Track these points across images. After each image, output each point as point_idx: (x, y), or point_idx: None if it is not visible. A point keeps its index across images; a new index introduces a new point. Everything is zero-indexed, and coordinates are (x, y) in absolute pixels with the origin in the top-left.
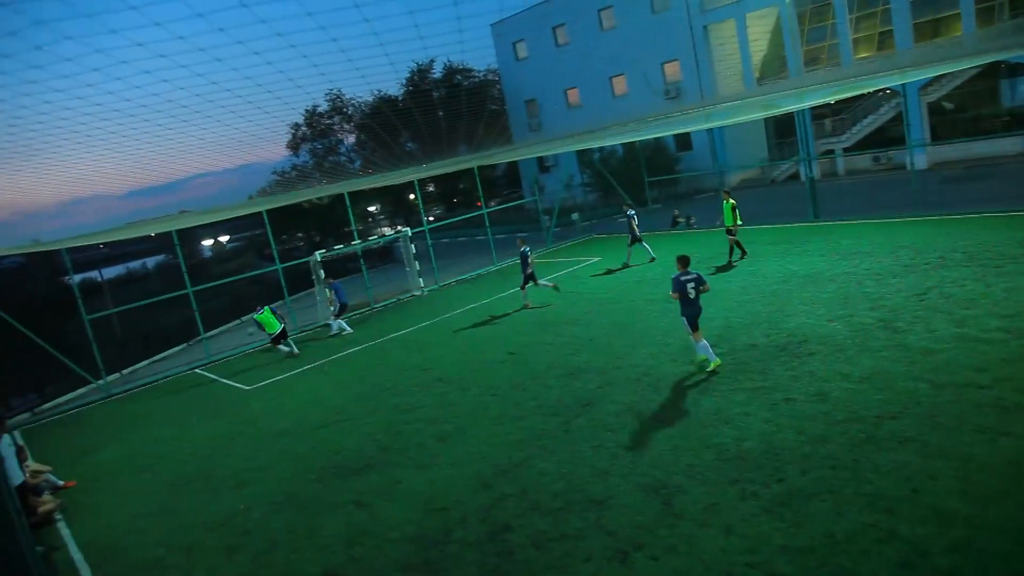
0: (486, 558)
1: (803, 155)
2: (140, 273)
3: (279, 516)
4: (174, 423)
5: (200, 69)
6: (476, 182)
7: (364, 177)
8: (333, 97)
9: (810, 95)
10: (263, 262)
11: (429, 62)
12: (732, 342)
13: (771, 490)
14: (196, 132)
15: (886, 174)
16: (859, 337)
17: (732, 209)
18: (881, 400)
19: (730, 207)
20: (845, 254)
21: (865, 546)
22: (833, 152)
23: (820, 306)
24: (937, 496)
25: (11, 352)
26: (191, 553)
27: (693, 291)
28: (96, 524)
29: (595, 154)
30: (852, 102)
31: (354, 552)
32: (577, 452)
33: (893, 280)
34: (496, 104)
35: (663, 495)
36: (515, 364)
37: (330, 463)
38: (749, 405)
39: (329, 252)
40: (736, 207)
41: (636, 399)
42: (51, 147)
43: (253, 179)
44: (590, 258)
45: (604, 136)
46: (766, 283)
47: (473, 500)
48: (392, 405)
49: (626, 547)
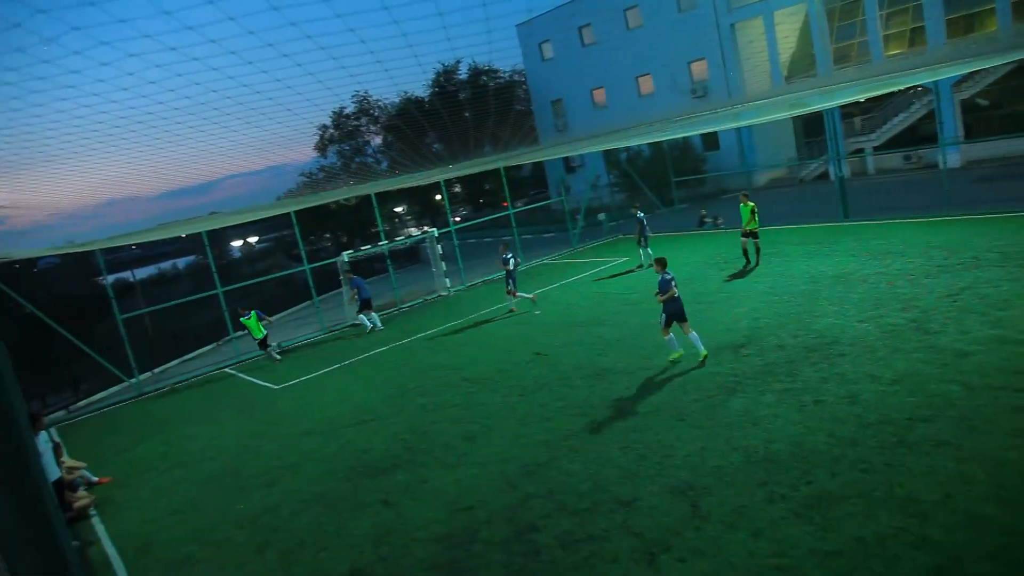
0: (512, 558)
1: (832, 154)
2: (171, 273)
3: (307, 514)
4: (204, 421)
5: (231, 72)
6: (502, 182)
7: (391, 178)
8: (360, 99)
9: (839, 93)
10: (291, 263)
11: (455, 63)
12: (760, 343)
13: (800, 493)
14: (227, 134)
15: (917, 173)
16: (890, 338)
17: (752, 212)
18: (913, 403)
19: (749, 210)
20: (875, 254)
21: (897, 551)
22: (863, 151)
23: (850, 307)
24: (972, 501)
25: (47, 351)
26: (221, 549)
27: (676, 288)
28: (129, 520)
29: (622, 154)
30: (882, 100)
31: (381, 551)
32: (604, 453)
33: (925, 280)
34: (522, 104)
35: (690, 497)
36: (542, 364)
37: (358, 462)
38: (778, 407)
39: (356, 253)
40: (755, 210)
41: (663, 400)
42: (87, 150)
43: (281, 180)
44: (616, 258)
45: (630, 136)
46: (794, 284)
47: (499, 500)
48: (419, 405)
49: (653, 549)
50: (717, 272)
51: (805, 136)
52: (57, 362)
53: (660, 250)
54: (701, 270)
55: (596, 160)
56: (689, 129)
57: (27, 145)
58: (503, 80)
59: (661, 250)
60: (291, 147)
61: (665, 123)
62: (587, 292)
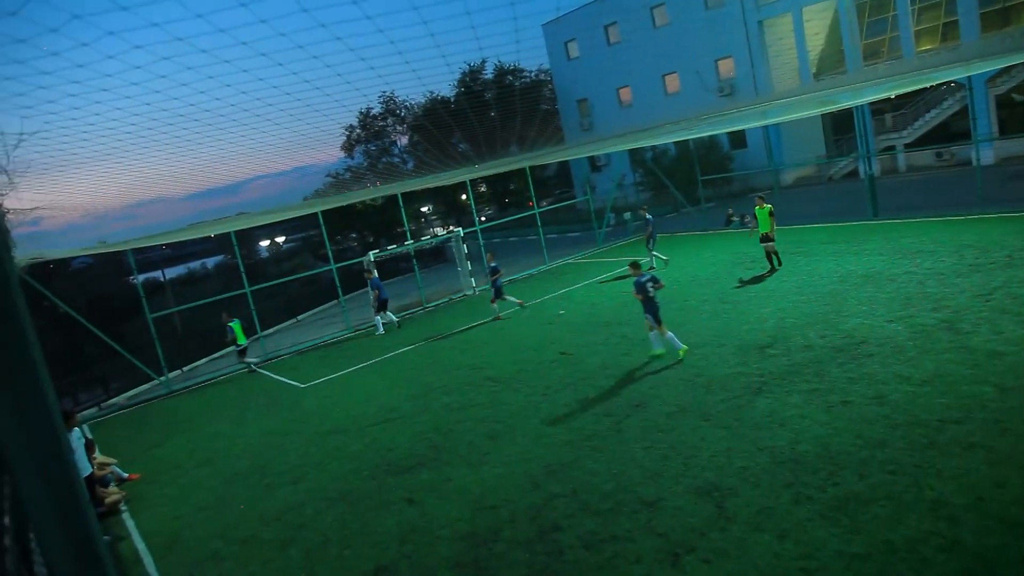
0: (535, 557)
1: (862, 152)
2: (200, 273)
3: (332, 512)
4: (232, 419)
5: (261, 73)
6: (528, 182)
7: (417, 178)
8: (387, 99)
9: (869, 90)
10: (318, 262)
11: (481, 63)
12: (787, 343)
13: (827, 494)
14: (256, 135)
15: (950, 170)
16: (920, 339)
17: (769, 215)
18: (944, 404)
19: (767, 213)
20: (906, 253)
21: (927, 555)
22: (894, 148)
23: (879, 306)
24: (1004, 505)
25: (80, 349)
26: (247, 546)
27: (652, 289)
28: (158, 515)
29: (647, 153)
30: (914, 96)
31: (405, 549)
32: (628, 453)
33: (957, 280)
34: (548, 104)
35: (715, 498)
36: (566, 364)
37: (383, 460)
38: (805, 407)
39: (382, 252)
40: (773, 212)
41: (688, 400)
42: (119, 152)
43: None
44: (640, 258)
45: (656, 134)
46: (822, 283)
47: (523, 499)
48: (443, 404)
49: (677, 549)
50: (744, 272)
51: (834, 133)
52: (89, 360)
53: (687, 249)
54: (727, 269)
55: (622, 159)
56: (716, 127)
57: (62, 147)
58: (529, 80)
59: (688, 249)
60: (319, 147)
61: (691, 121)
62: (611, 292)
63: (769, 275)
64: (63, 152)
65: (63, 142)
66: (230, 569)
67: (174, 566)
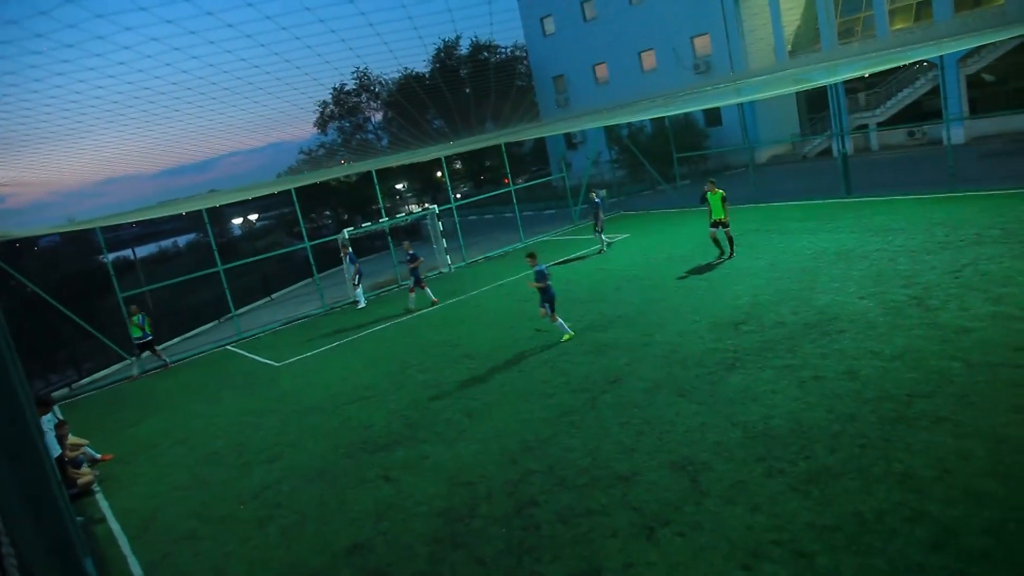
0: (512, 532)
1: (836, 130)
2: (172, 251)
3: (309, 490)
4: (207, 398)
5: (230, 46)
6: (503, 159)
7: (391, 155)
8: (360, 75)
9: (844, 68)
10: (292, 240)
11: (456, 39)
12: (760, 319)
13: (798, 468)
14: (226, 110)
15: (921, 149)
16: (891, 315)
17: (722, 200)
18: (913, 379)
19: (719, 199)
20: (878, 231)
21: (894, 525)
22: (867, 127)
23: (851, 283)
24: (970, 477)
25: (49, 329)
26: (224, 525)
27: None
28: (133, 496)
29: (623, 130)
30: (887, 75)
31: (382, 526)
32: (604, 428)
33: (927, 257)
34: (523, 80)
35: (689, 472)
36: (542, 341)
37: (359, 438)
38: (777, 383)
39: (357, 230)
40: (726, 198)
41: (663, 376)
42: (84, 127)
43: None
44: (617, 235)
45: (633, 112)
46: (795, 260)
47: (499, 475)
48: (419, 382)
49: (652, 523)
50: (718, 249)
51: (809, 112)
52: (59, 340)
53: (662, 227)
54: (703, 247)
55: (598, 136)
56: (692, 105)
57: (23, 121)
58: (504, 56)
59: (663, 227)
60: (291, 124)
61: (667, 99)
62: (587, 269)
63: (720, 262)
64: (25, 126)
65: (24, 116)
66: (207, 548)
67: (150, 545)
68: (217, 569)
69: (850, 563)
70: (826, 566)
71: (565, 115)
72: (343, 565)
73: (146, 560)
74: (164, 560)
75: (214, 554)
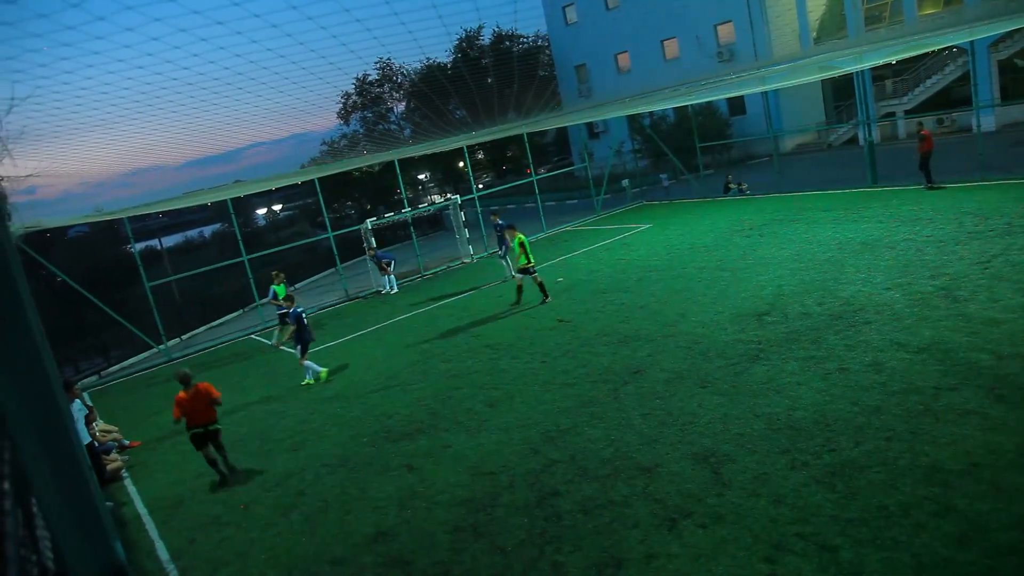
0: (534, 522)
1: (862, 118)
2: (197, 241)
3: (332, 478)
4: (230, 387)
5: (256, 36)
6: (525, 149)
7: (414, 145)
8: (383, 65)
9: (870, 55)
10: (315, 230)
11: (478, 28)
12: (785, 310)
13: (823, 460)
14: (252, 100)
15: (950, 137)
16: (918, 306)
17: (521, 245)
18: (940, 371)
19: (518, 243)
20: (905, 220)
21: (920, 519)
22: (894, 115)
23: (877, 274)
24: (998, 471)
25: (79, 318)
26: (248, 511)
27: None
28: (160, 482)
29: (645, 119)
30: (915, 62)
31: (404, 514)
32: (626, 419)
33: (955, 247)
34: (545, 70)
35: (712, 463)
36: (564, 331)
37: (382, 427)
38: (801, 374)
39: (380, 220)
40: (525, 243)
41: (686, 367)
42: (113, 118)
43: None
44: (640, 225)
45: (655, 101)
46: (820, 250)
47: (521, 465)
48: (442, 371)
49: (674, 515)
50: (743, 239)
51: (834, 100)
52: (88, 329)
53: (685, 217)
54: (726, 237)
55: (620, 126)
56: (715, 93)
57: (55, 113)
58: (526, 45)
59: (686, 217)
60: (315, 115)
61: (690, 87)
62: (610, 259)
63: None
64: (56, 118)
65: (56, 108)
66: (232, 534)
67: (176, 531)
68: (241, 555)
69: (875, 557)
70: (850, 560)
71: (587, 104)
72: (365, 553)
73: (173, 545)
74: (190, 546)
75: (238, 540)
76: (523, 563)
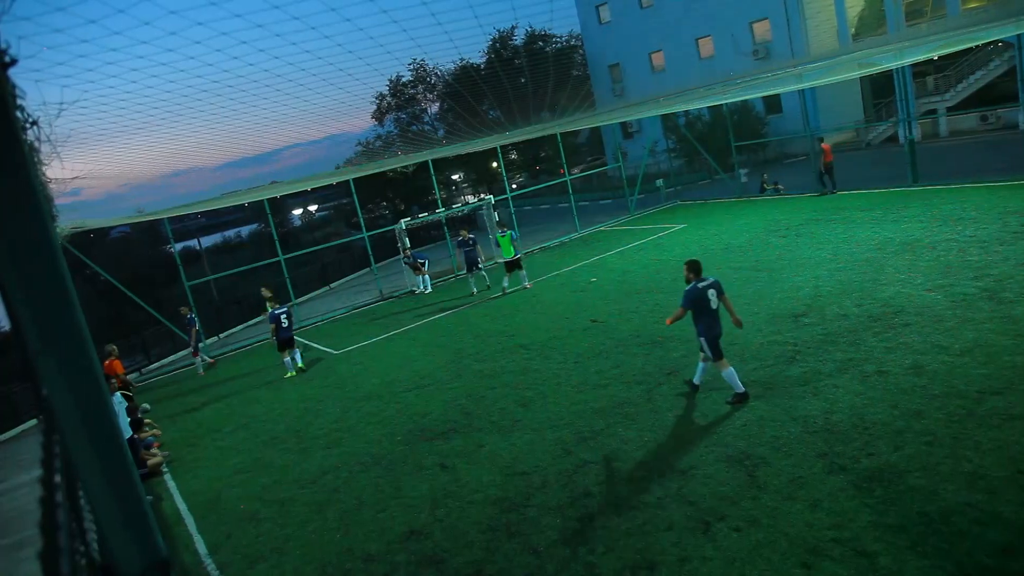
0: (566, 522)
1: (902, 116)
2: (235, 241)
3: (366, 476)
4: (267, 385)
5: (295, 38)
6: (559, 149)
7: (447, 145)
8: (416, 66)
9: (911, 51)
10: (350, 230)
11: (511, 28)
12: (822, 312)
13: (861, 465)
14: (289, 101)
15: (995, 135)
16: (960, 308)
17: (511, 241)
18: (983, 375)
19: (508, 239)
20: (946, 220)
21: (963, 527)
22: (935, 112)
23: (918, 275)
24: None
25: (121, 316)
26: (284, 507)
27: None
28: (198, 477)
29: (680, 118)
30: (958, 57)
31: (438, 513)
32: (659, 421)
33: (1000, 248)
34: (579, 70)
35: (747, 466)
36: (598, 332)
37: (416, 426)
38: (839, 377)
39: (414, 220)
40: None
41: None
42: (155, 121)
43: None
44: (674, 225)
45: (690, 99)
46: (859, 250)
47: (554, 465)
48: (475, 371)
49: (708, 517)
50: (778, 240)
51: (874, 97)
52: (130, 327)
53: (720, 217)
54: (762, 237)
55: (654, 125)
56: (750, 92)
57: (100, 116)
58: (559, 45)
59: (721, 217)
60: (350, 116)
61: (725, 86)
62: (643, 259)
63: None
64: (101, 121)
65: (101, 111)
66: (268, 530)
67: (214, 526)
68: (277, 550)
69: (914, 565)
70: (889, 567)
71: (621, 104)
72: (399, 551)
73: (210, 540)
74: (228, 540)
75: (274, 536)
76: (556, 563)
